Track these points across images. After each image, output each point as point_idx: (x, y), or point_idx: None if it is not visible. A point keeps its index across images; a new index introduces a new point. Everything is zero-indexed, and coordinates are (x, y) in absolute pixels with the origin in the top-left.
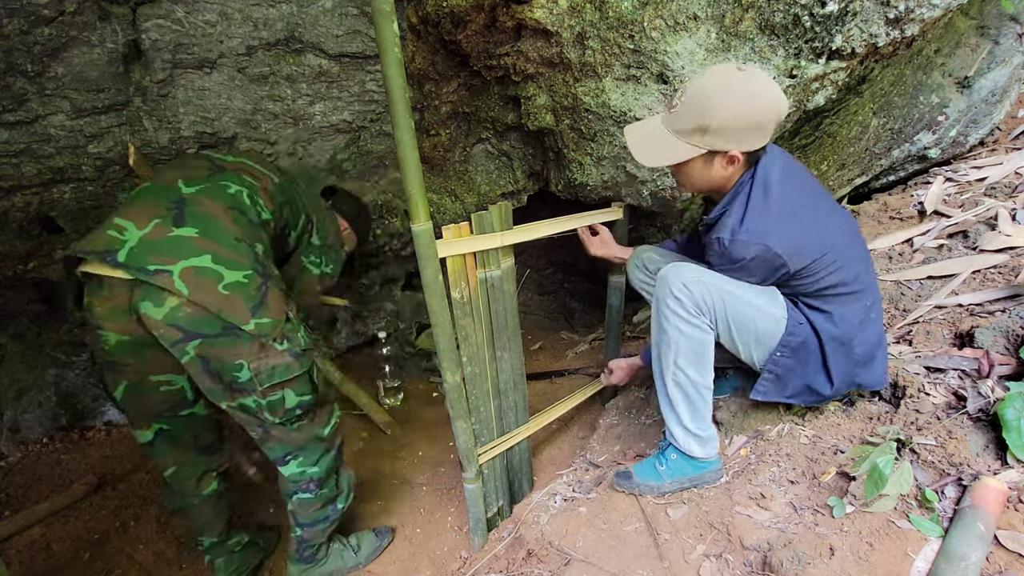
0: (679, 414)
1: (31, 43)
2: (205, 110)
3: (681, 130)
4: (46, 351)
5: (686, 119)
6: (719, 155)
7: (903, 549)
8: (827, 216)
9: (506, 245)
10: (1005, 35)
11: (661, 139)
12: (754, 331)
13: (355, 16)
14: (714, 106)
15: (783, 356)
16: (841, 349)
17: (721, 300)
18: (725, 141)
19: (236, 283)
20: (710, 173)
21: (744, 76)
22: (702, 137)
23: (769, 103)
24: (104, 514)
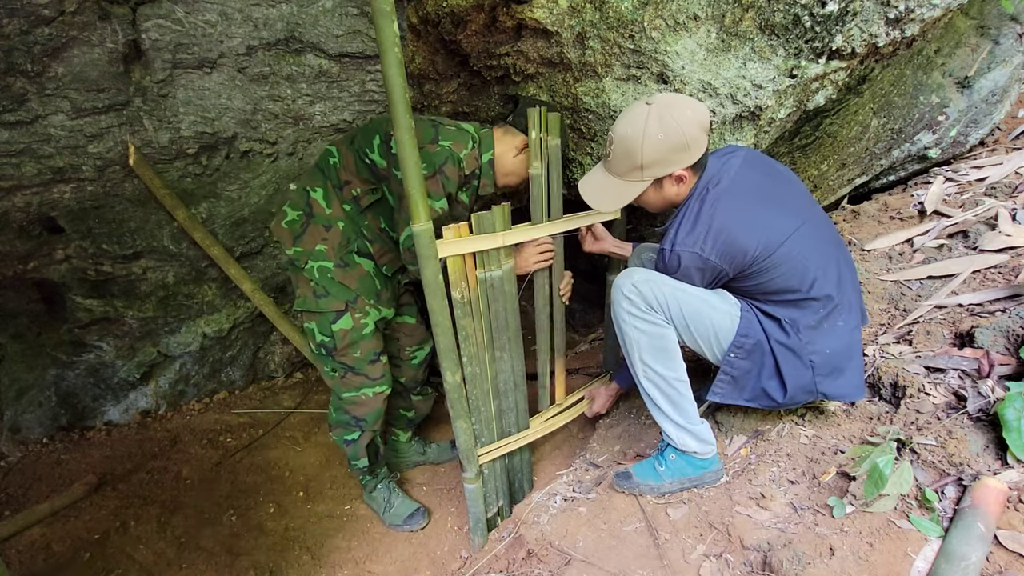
0: (663, 410)
1: (31, 43)
2: (205, 110)
3: (622, 173)
4: (46, 351)
5: (622, 163)
6: (666, 179)
7: (903, 549)
8: (781, 220)
9: (506, 245)
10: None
11: (610, 186)
12: (711, 327)
13: (355, 16)
14: (637, 145)
15: (737, 358)
16: (793, 357)
17: (674, 297)
18: (662, 168)
19: (291, 220)
20: (664, 195)
21: (654, 107)
22: (641, 172)
23: (685, 122)
24: (104, 514)
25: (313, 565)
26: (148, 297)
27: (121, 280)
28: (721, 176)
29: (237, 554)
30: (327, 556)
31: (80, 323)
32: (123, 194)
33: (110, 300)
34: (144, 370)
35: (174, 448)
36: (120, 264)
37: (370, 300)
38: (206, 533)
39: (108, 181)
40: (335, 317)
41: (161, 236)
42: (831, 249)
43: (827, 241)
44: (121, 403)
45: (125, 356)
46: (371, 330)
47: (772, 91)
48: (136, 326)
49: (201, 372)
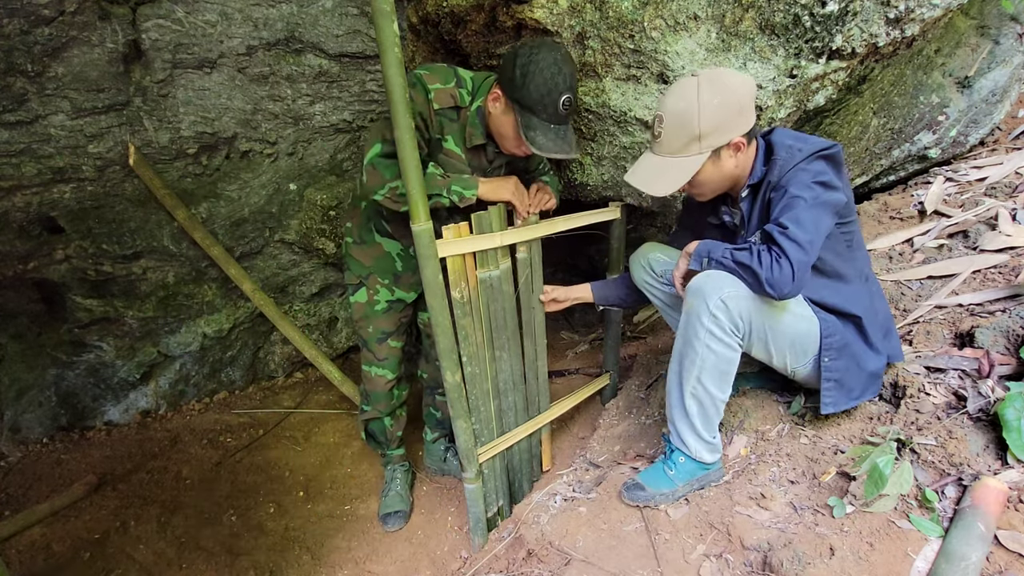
0: (694, 425)
1: (31, 43)
2: (205, 110)
3: (677, 150)
4: (46, 351)
5: (676, 139)
6: (723, 149)
7: (903, 549)
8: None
9: (505, 245)
10: (1005, 35)
11: (664, 167)
12: (790, 337)
13: (355, 16)
14: (693, 115)
15: (832, 360)
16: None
17: (759, 312)
18: (721, 135)
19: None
20: (722, 170)
21: (701, 77)
22: (699, 144)
23: (738, 85)
24: (104, 514)
25: (313, 565)
26: (148, 297)
27: (121, 280)
28: None
29: (237, 554)
30: (327, 556)
31: (80, 323)
32: (123, 194)
33: (110, 300)
34: (144, 370)
35: (174, 448)
36: (120, 264)
37: (384, 279)
38: (206, 533)
39: (108, 181)
40: (353, 290)
41: (161, 236)
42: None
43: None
44: (121, 403)
45: (125, 356)
46: (383, 308)
47: (772, 91)
48: (136, 326)
49: (201, 372)
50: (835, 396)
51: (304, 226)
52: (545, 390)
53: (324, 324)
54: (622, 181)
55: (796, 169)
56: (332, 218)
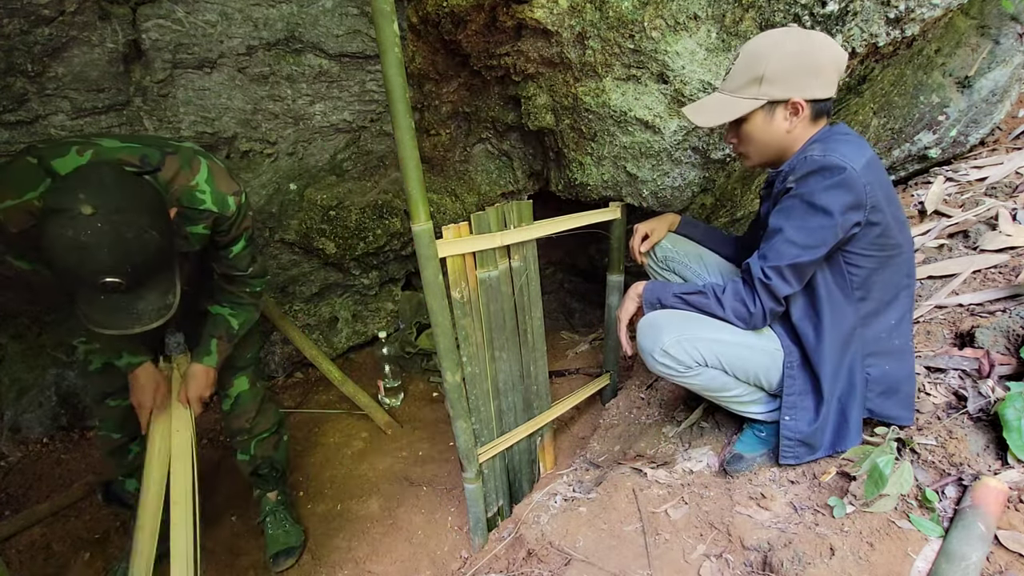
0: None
1: (31, 43)
2: (205, 110)
3: (737, 88)
4: (46, 351)
5: (740, 76)
6: (780, 106)
7: (903, 549)
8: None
9: (504, 245)
10: (1005, 35)
11: (720, 102)
12: (752, 370)
13: (355, 16)
14: (767, 53)
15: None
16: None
17: (709, 350)
18: (784, 88)
19: None
20: (773, 129)
21: (796, 28)
22: (758, 88)
23: (825, 47)
24: (104, 514)
25: (313, 565)
26: None
27: None
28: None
29: (237, 554)
30: (327, 556)
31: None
32: None
33: None
34: None
35: None
36: None
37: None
38: (206, 533)
39: None
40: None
41: None
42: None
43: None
44: None
45: None
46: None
47: None
48: None
49: None
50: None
51: (304, 226)
52: (545, 390)
53: (324, 324)
54: (622, 181)
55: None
56: (332, 218)
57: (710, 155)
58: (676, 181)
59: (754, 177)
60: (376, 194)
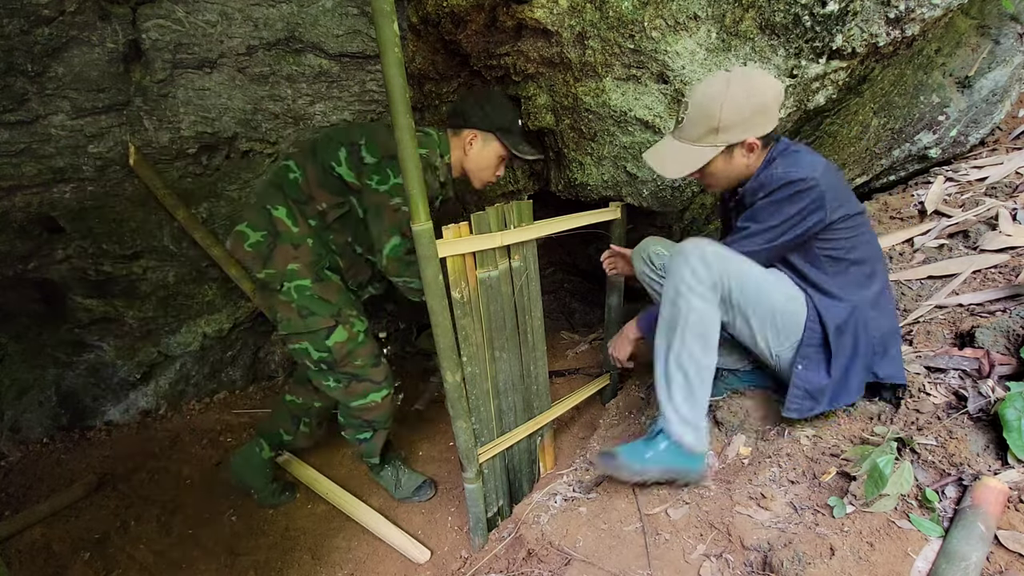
0: (673, 397)
1: (31, 43)
2: (205, 110)
3: (696, 138)
4: (46, 351)
5: (696, 126)
6: (737, 147)
7: (903, 549)
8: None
9: (504, 245)
10: (1006, 35)
11: (680, 152)
12: (770, 310)
13: (355, 16)
14: (717, 106)
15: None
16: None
17: (740, 277)
18: (739, 133)
19: (254, 242)
20: (732, 166)
21: (735, 73)
22: (716, 136)
23: (766, 88)
24: (104, 514)
25: (313, 565)
26: (148, 297)
27: (121, 280)
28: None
29: (237, 554)
30: (327, 556)
31: (80, 323)
32: (123, 194)
33: (110, 300)
34: (144, 370)
35: (174, 448)
36: (120, 264)
37: (351, 311)
38: (206, 533)
39: (108, 181)
40: (327, 333)
41: (161, 236)
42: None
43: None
44: (121, 403)
45: (125, 356)
46: (364, 337)
47: None
48: (136, 326)
49: (201, 372)
50: (802, 405)
51: None
52: (545, 390)
53: None
54: (622, 181)
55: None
56: None
57: None
58: (676, 181)
59: None
60: None
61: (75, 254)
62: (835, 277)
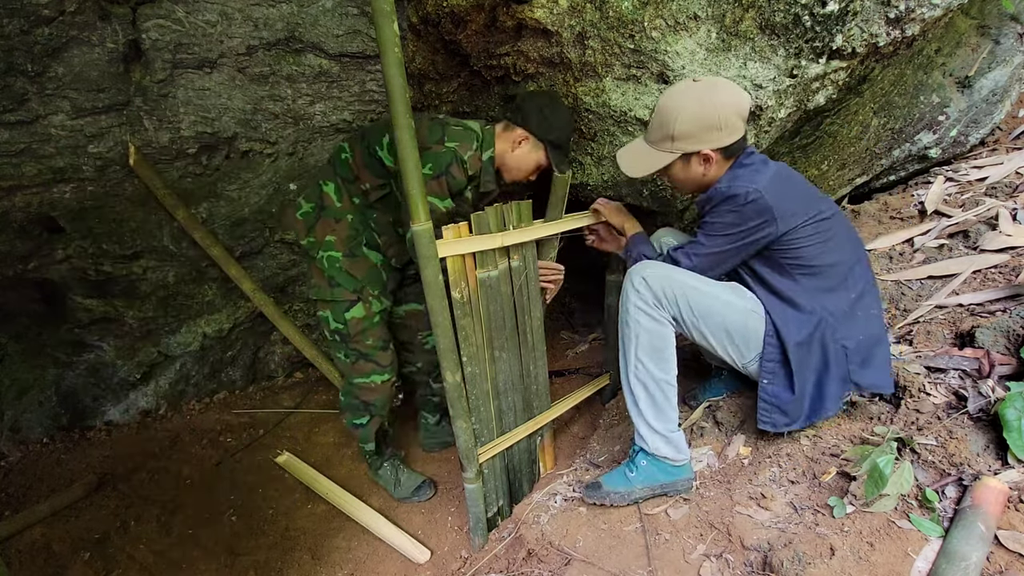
0: (643, 411)
1: (31, 43)
2: (205, 110)
3: (655, 142)
4: (46, 351)
5: (656, 132)
6: (694, 156)
7: (903, 549)
8: (819, 202)
9: (505, 245)
10: (1006, 35)
11: (643, 153)
12: (723, 326)
13: (355, 16)
14: (674, 114)
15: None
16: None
17: (684, 294)
18: (692, 143)
19: (304, 212)
20: (690, 174)
21: (700, 84)
22: (671, 144)
23: (725, 102)
24: (104, 514)
25: (313, 565)
26: (148, 297)
27: (121, 280)
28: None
29: (237, 554)
30: (327, 556)
31: (80, 323)
32: (123, 194)
33: (110, 300)
34: (144, 370)
35: (174, 448)
36: (120, 264)
37: (374, 291)
38: (206, 533)
39: (108, 181)
40: (348, 306)
41: (161, 236)
42: (858, 241)
43: (850, 228)
44: (121, 403)
45: (125, 356)
46: (379, 319)
47: (772, 91)
48: (136, 326)
49: (201, 372)
50: (774, 419)
51: None
52: (545, 390)
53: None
54: (622, 181)
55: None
56: None
57: None
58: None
59: None
60: None
61: (75, 254)
62: (803, 284)
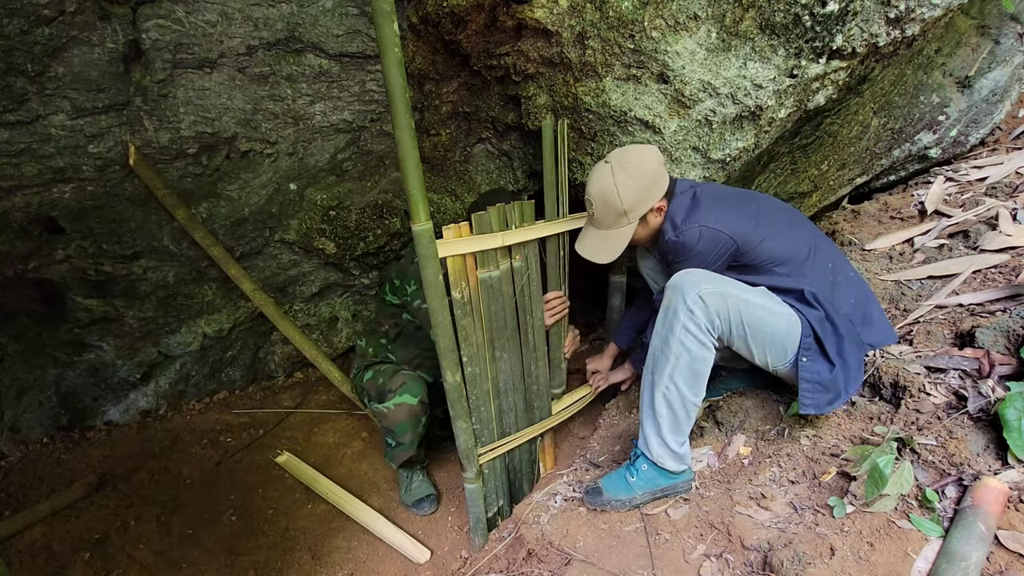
0: (660, 427)
1: (31, 43)
2: (205, 110)
3: (610, 225)
4: (46, 351)
5: (607, 217)
6: (648, 214)
7: (903, 549)
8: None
9: (505, 245)
10: (1006, 35)
11: (605, 239)
12: (769, 335)
13: (355, 16)
14: (614, 195)
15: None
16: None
17: (736, 309)
18: (642, 207)
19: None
20: (651, 228)
21: (612, 162)
22: (627, 216)
23: (643, 162)
24: (104, 514)
25: (313, 565)
26: (148, 297)
27: (121, 280)
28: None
29: (237, 554)
30: (327, 556)
31: (80, 323)
32: (123, 194)
33: (110, 300)
34: (144, 370)
35: (174, 448)
36: (120, 264)
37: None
38: (206, 533)
39: (108, 181)
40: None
41: (161, 236)
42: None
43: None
44: (121, 403)
45: (125, 356)
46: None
47: (772, 91)
48: (136, 326)
49: (201, 372)
50: (818, 399)
51: (304, 226)
52: (546, 391)
53: (324, 324)
54: None
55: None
56: (332, 218)
57: (710, 155)
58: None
59: (753, 177)
60: (376, 194)
61: (75, 254)
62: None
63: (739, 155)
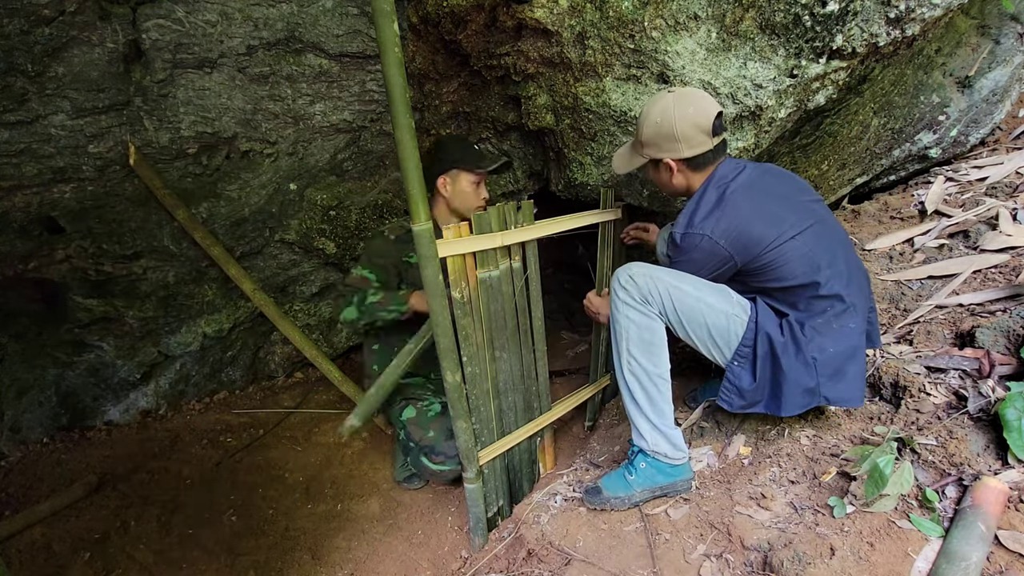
0: (640, 406)
1: (31, 43)
2: (205, 110)
3: (633, 144)
4: (47, 351)
5: (635, 135)
6: (661, 163)
7: (904, 549)
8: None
9: (505, 245)
10: (1006, 35)
11: (625, 153)
12: (705, 327)
13: (355, 16)
14: (642, 122)
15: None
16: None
17: (668, 293)
18: (654, 151)
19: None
20: (661, 179)
21: (672, 94)
22: (641, 149)
23: (682, 117)
24: (104, 514)
25: (313, 565)
26: (148, 297)
27: (121, 280)
28: (739, 174)
29: (237, 554)
30: (327, 556)
31: (80, 323)
32: (123, 194)
33: (110, 300)
34: (144, 370)
35: (174, 448)
36: (120, 264)
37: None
38: (206, 533)
39: (108, 181)
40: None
41: (161, 236)
42: (841, 251)
43: (838, 243)
44: (121, 403)
45: (125, 356)
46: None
47: (772, 91)
48: (136, 326)
49: (201, 372)
50: (732, 399)
51: (304, 226)
52: (546, 391)
53: (324, 324)
54: (622, 181)
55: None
56: (332, 218)
57: None
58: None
59: None
60: (376, 194)
61: (75, 254)
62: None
63: (739, 155)
